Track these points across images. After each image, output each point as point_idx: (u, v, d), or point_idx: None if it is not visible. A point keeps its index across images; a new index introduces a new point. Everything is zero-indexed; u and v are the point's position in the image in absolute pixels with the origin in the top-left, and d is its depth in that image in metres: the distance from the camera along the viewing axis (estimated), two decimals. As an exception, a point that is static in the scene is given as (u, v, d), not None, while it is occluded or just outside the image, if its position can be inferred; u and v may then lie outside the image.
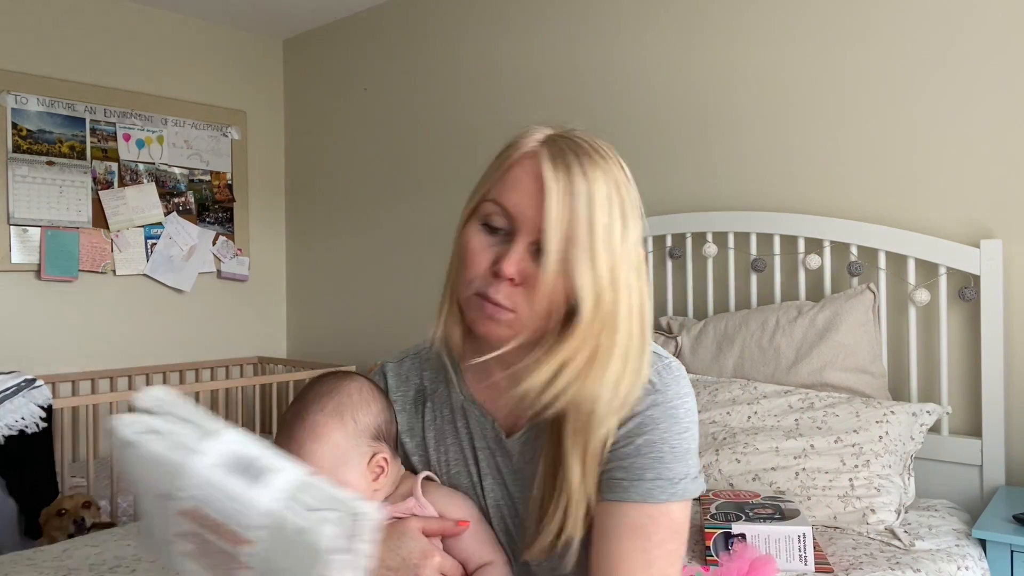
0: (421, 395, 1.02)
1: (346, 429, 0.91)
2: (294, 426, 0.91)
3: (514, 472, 0.95)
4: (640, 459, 0.86)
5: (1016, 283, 2.00)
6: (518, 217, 0.84)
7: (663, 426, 0.87)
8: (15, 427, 2.32)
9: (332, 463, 0.89)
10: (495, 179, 0.88)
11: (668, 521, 0.85)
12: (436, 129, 3.34)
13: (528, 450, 0.93)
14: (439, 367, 1.02)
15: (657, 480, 0.85)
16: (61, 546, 1.87)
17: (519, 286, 0.84)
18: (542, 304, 0.83)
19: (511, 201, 0.85)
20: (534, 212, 0.83)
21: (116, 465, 2.59)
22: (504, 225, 0.86)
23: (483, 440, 0.96)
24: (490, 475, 0.96)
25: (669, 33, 2.63)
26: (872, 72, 2.21)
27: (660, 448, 0.86)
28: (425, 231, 3.40)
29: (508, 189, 0.86)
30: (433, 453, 1.00)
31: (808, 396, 1.98)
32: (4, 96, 3.11)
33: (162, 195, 3.56)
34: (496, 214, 0.86)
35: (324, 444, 0.89)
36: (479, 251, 0.86)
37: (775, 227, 2.31)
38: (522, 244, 0.84)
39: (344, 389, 0.94)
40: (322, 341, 3.88)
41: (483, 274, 0.85)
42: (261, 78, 3.97)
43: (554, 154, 0.85)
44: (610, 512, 0.86)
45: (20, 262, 3.15)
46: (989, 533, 1.65)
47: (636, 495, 0.84)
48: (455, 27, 3.26)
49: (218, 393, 3.29)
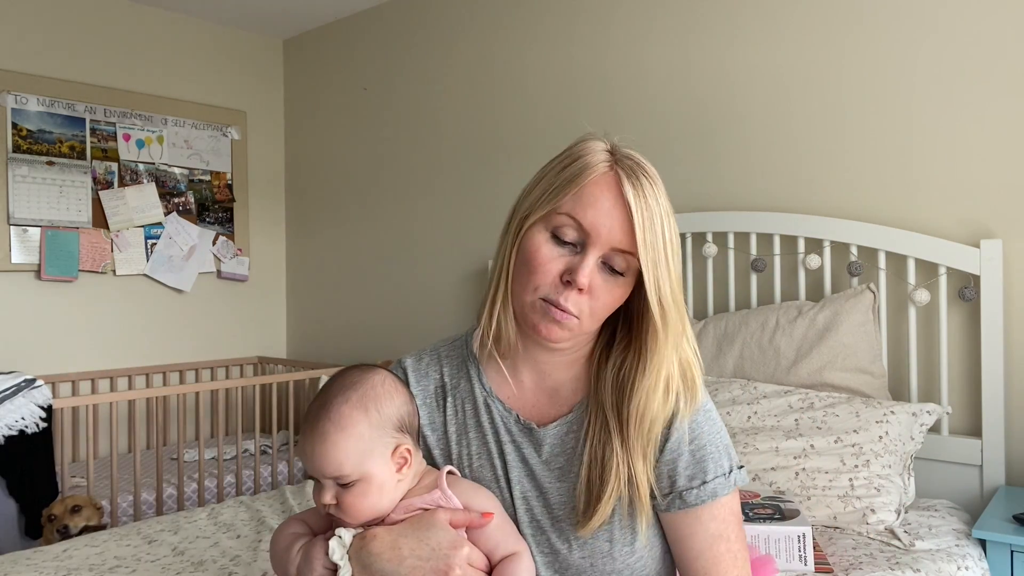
0: (442, 390, 1.05)
1: (370, 420, 0.93)
2: (320, 418, 0.92)
3: (544, 463, 0.99)
4: (696, 465, 0.95)
5: (1016, 283, 2.00)
6: (592, 232, 0.90)
7: (706, 429, 0.96)
8: (15, 427, 2.32)
9: (358, 454, 0.91)
10: (569, 194, 0.92)
11: (733, 515, 0.96)
12: (436, 129, 3.34)
13: (565, 440, 0.98)
14: (459, 363, 1.06)
15: (716, 478, 0.94)
16: (61, 546, 1.87)
17: (584, 295, 0.91)
18: (604, 313, 0.94)
19: (587, 218, 0.90)
20: (608, 229, 0.90)
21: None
22: (575, 239, 0.92)
23: (508, 434, 1.01)
24: (517, 467, 0.99)
25: (669, 34, 2.63)
26: (872, 72, 2.21)
27: (709, 450, 0.95)
28: (425, 231, 3.40)
29: (586, 206, 0.91)
30: (455, 447, 1.03)
31: (808, 396, 1.98)
32: (4, 96, 3.11)
33: (162, 195, 3.56)
34: (569, 227, 0.91)
35: (350, 435, 0.91)
36: (549, 260, 0.92)
37: (775, 227, 2.31)
38: (594, 258, 0.91)
39: (368, 381, 0.96)
40: (322, 341, 3.88)
41: (552, 282, 0.92)
42: (261, 78, 3.97)
43: (629, 176, 0.91)
44: (686, 523, 0.95)
45: (20, 262, 3.15)
46: (989, 533, 1.65)
47: (705, 496, 0.94)
48: (455, 27, 3.26)
49: (218, 393, 3.29)
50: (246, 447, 3.26)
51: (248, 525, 2.05)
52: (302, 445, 0.94)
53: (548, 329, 0.92)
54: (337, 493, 0.92)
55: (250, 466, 3.13)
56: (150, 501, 2.75)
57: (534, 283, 0.92)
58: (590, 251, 0.91)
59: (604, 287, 0.92)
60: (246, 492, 3.03)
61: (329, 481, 0.92)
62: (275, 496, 2.30)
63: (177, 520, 2.07)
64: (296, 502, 2.21)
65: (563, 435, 0.99)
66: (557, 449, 0.99)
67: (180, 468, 2.78)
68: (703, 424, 0.96)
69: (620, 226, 0.90)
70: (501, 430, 1.01)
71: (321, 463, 0.91)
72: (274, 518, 2.09)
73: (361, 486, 0.91)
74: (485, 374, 1.04)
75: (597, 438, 0.95)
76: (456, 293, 3.28)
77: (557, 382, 1.02)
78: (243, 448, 3.21)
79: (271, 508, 2.18)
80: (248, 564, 1.74)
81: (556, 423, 0.99)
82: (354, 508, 0.92)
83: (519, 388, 1.02)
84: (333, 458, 0.90)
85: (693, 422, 0.95)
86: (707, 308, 2.47)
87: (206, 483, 2.91)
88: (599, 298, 0.92)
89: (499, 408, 1.02)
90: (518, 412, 1.01)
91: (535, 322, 0.93)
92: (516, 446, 1.00)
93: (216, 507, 2.18)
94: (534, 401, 1.02)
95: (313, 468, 0.92)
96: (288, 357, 4.02)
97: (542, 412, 1.01)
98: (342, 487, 0.92)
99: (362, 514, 0.92)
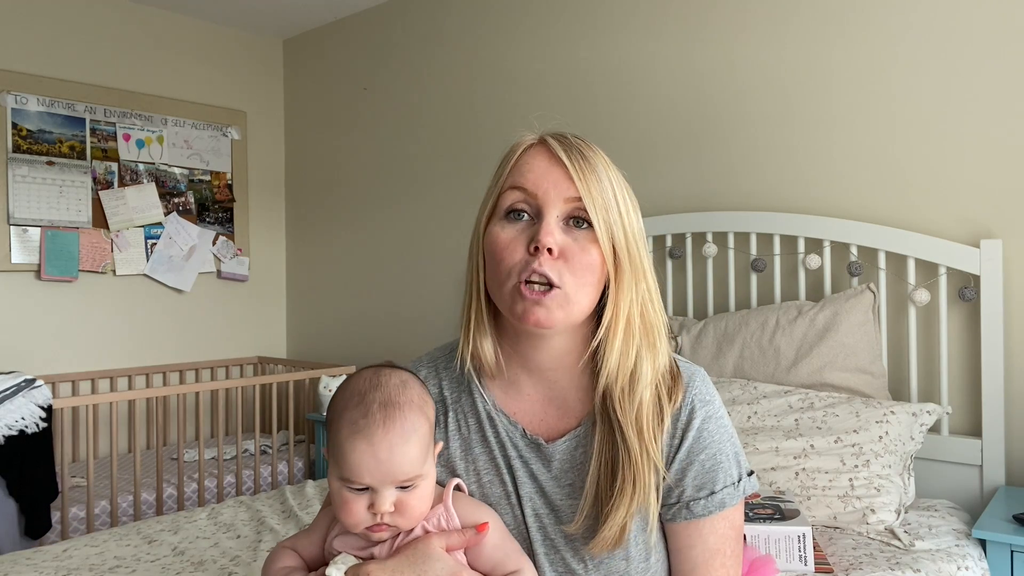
0: (442, 405, 1.01)
1: (429, 420, 0.91)
2: (394, 418, 0.87)
3: (554, 479, 0.95)
4: (705, 475, 0.92)
5: (1016, 283, 2.00)
6: (539, 192, 0.88)
7: (717, 437, 0.93)
8: (15, 427, 2.32)
9: (425, 452, 0.89)
10: (505, 173, 0.92)
11: (733, 530, 0.94)
12: (436, 129, 3.34)
13: (575, 455, 0.94)
14: (459, 376, 1.01)
15: (725, 488, 0.92)
16: (61, 546, 1.87)
17: (559, 259, 0.87)
18: (587, 277, 0.88)
19: (529, 180, 0.89)
20: (554, 183, 0.88)
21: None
22: (528, 208, 0.89)
23: (515, 448, 0.96)
24: (527, 483, 0.95)
25: (669, 34, 2.63)
26: (872, 72, 2.21)
27: (719, 459, 0.93)
28: (425, 231, 3.40)
29: (525, 172, 0.90)
30: (460, 463, 0.98)
31: (808, 396, 1.98)
32: (4, 96, 3.11)
33: (162, 195, 3.56)
34: (517, 200, 0.90)
35: (422, 435, 0.89)
36: (510, 241, 0.89)
37: (775, 227, 2.31)
38: (551, 216, 0.88)
39: (415, 381, 0.93)
40: (322, 341, 3.88)
41: (520, 260, 0.88)
42: (261, 78, 3.97)
43: (558, 140, 0.92)
44: (687, 533, 0.93)
45: (20, 262, 3.15)
46: (989, 533, 1.65)
47: (713, 507, 0.91)
48: (455, 27, 3.26)
49: (218, 393, 3.29)
50: (246, 447, 3.26)
51: (248, 525, 2.05)
52: (369, 449, 0.85)
53: (535, 315, 0.86)
54: (397, 498, 0.87)
55: (250, 466, 3.13)
56: (150, 501, 2.76)
57: (505, 269, 0.88)
58: (546, 212, 0.88)
59: (576, 246, 0.87)
60: (246, 492, 3.03)
61: (390, 488, 0.86)
62: (275, 496, 2.30)
63: (177, 520, 2.07)
64: (296, 502, 2.21)
65: (572, 450, 0.95)
66: (567, 465, 0.94)
67: (180, 468, 2.78)
68: (714, 432, 0.93)
69: (564, 177, 0.88)
70: (507, 444, 0.96)
71: (399, 465, 0.86)
72: (274, 518, 2.09)
73: (424, 486, 0.89)
74: (488, 386, 0.99)
75: (604, 447, 0.91)
76: (456, 293, 3.28)
77: (564, 392, 0.97)
78: (243, 448, 3.21)
79: (271, 508, 2.18)
80: (248, 564, 1.74)
81: (565, 438, 0.95)
82: (415, 510, 0.88)
83: (524, 401, 0.98)
84: (412, 459, 0.87)
85: (705, 431, 0.92)
86: (707, 308, 2.47)
87: (206, 483, 2.91)
88: (574, 258, 0.87)
89: (504, 421, 0.97)
90: (524, 426, 0.97)
91: (519, 312, 0.87)
92: (524, 461, 0.96)
93: (216, 507, 2.18)
94: (542, 415, 0.97)
95: (385, 472, 0.86)
96: (288, 357, 4.02)
97: (550, 426, 0.97)
98: (402, 490, 0.87)
99: (420, 516, 0.89)
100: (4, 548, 2.32)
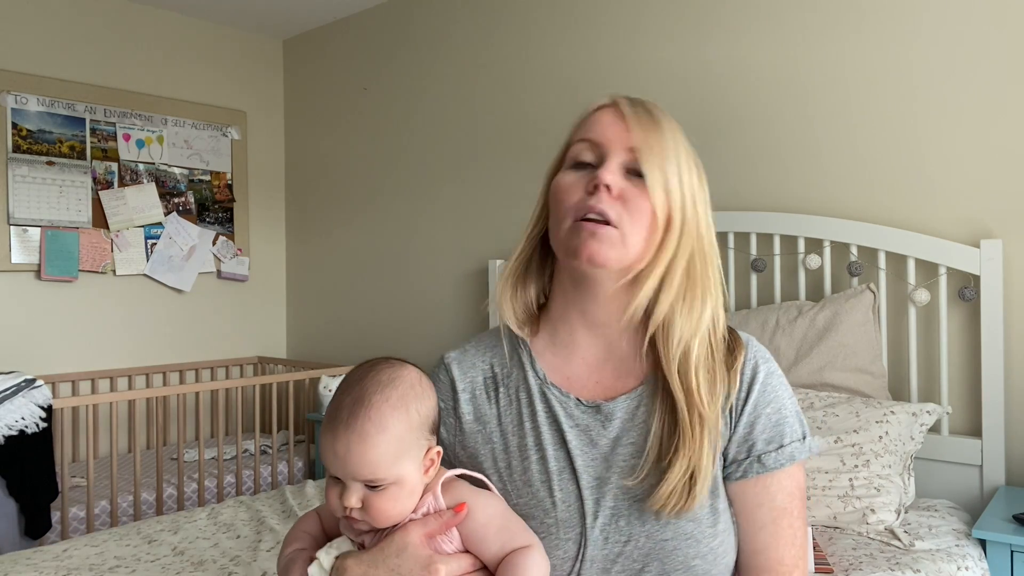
0: (493, 380, 1.00)
1: (411, 421, 0.88)
2: (358, 416, 0.86)
3: (614, 440, 0.93)
4: (774, 428, 0.93)
5: (1016, 283, 2.00)
6: (604, 141, 0.91)
7: (780, 393, 0.95)
8: (15, 427, 2.32)
9: (395, 455, 0.86)
10: (577, 130, 0.96)
11: (799, 490, 0.94)
12: (436, 129, 3.34)
13: (636, 414, 0.94)
14: (509, 351, 1.01)
15: (793, 443, 0.93)
16: (61, 546, 1.87)
17: (617, 200, 0.89)
18: (641, 219, 0.89)
19: (595, 132, 0.93)
20: (618, 132, 0.91)
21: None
22: (592, 158, 0.92)
23: (570, 418, 0.95)
24: (582, 454, 0.93)
25: (670, 34, 2.63)
26: (872, 73, 2.21)
27: (783, 413, 0.94)
28: (425, 231, 3.40)
29: (591, 127, 0.94)
30: (513, 438, 0.97)
31: (808, 396, 1.98)
32: (4, 96, 3.11)
33: (162, 195, 3.56)
34: (584, 149, 0.93)
35: (391, 436, 0.86)
36: (572, 184, 0.92)
37: (775, 227, 2.31)
38: (614, 161, 0.90)
39: (406, 379, 0.91)
40: (322, 341, 3.88)
41: (579, 199, 0.90)
42: (261, 78, 3.97)
43: (628, 99, 0.95)
44: (755, 492, 0.92)
45: (20, 262, 3.15)
46: (989, 533, 1.65)
47: (783, 459, 0.92)
48: (455, 27, 3.26)
49: (218, 393, 3.29)
50: (246, 447, 3.26)
51: (248, 525, 2.05)
52: (331, 444, 0.86)
53: (590, 249, 0.88)
54: (365, 496, 0.86)
55: (250, 466, 3.13)
56: (150, 501, 2.76)
57: (564, 209, 0.91)
58: (609, 158, 0.91)
59: (634, 191, 0.89)
60: (246, 492, 3.03)
61: (357, 484, 0.86)
62: (275, 496, 2.30)
63: (177, 520, 2.07)
64: (296, 502, 2.21)
65: (634, 408, 0.94)
66: (628, 424, 0.93)
67: (180, 468, 2.78)
68: (777, 388, 0.95)
69: (627, 129, 0.91)
70: (561, 417, 0.95)
71: (357, 465, 0.85)
72: (274, 518, 2.09)
73: (393, 489, 0.86)
74: (539, 360, 0.98)
75: (664, 405, 0.92)
76: (456, 293, 3.28)
77: (621, 352, 0.97)
78: (243, 448, 3.21)
79: (271, 508, 2.18)
80: (248, 564, 1.74)
81: (624, 396, 0.94)
82: (383, 512, 0.86)
83: (578, 364, 0.97)
84: (371, 460, 0.84)
85: (769, 386, 0.94)
86: (707, 308, 2.47)
87: (206, 483, 2.91)
88: (632, 202, 0.89)
89: (556, 395, 0.96)
90: (577, 395, 0.96)
91: (574, 247, 0.89)
92: (580, 430, 0.94)
93: (216, 507, 2.18)
94: (597, 376, 0.97)
95: (344, 469, 0.85)
96: (288, 357, 4.02)
97: (606, 387, 0.96)
98: (371, 489, 0.86)
99: (389, 518, 0.87)
100: (4, 548, 2.32)
